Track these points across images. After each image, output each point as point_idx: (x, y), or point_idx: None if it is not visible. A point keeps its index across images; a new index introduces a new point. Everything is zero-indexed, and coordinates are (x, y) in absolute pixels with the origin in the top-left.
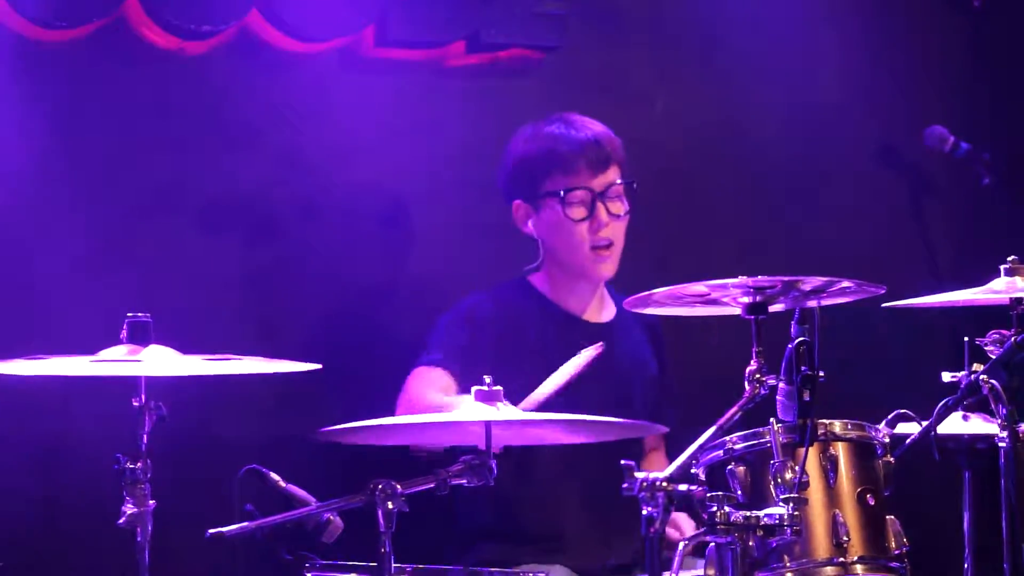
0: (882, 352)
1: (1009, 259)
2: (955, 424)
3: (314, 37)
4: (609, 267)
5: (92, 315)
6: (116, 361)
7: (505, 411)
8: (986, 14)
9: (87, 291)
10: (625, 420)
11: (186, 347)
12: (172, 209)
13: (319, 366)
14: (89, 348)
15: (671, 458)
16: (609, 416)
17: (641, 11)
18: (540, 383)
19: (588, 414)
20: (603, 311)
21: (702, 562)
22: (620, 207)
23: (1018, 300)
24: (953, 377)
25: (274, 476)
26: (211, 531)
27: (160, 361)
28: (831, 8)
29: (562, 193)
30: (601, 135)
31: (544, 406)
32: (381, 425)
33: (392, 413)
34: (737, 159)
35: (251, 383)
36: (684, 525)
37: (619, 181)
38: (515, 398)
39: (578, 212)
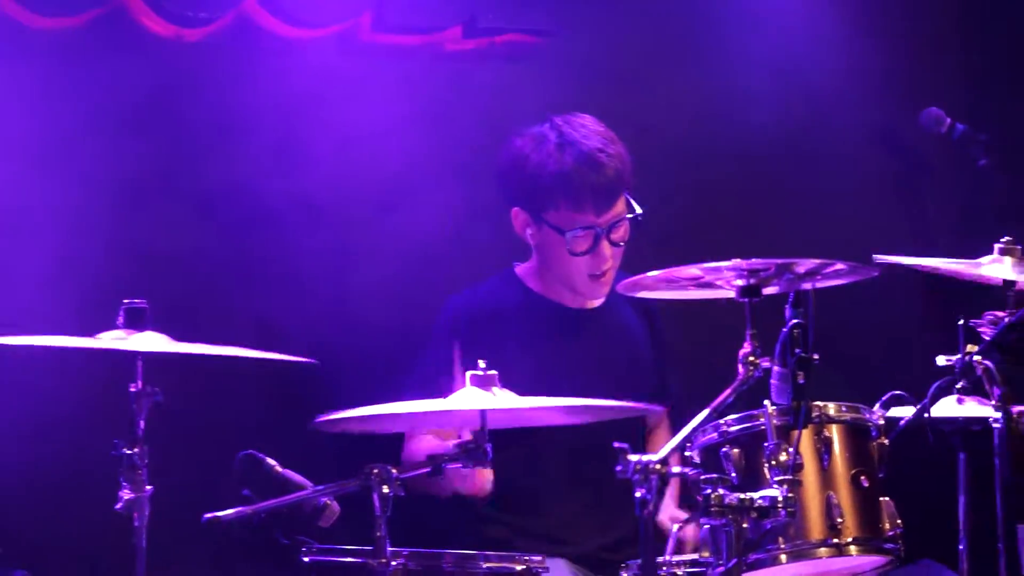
0: (877, 335)
1: (1003, 239)
2: (950, 407)
3: (311, 23)
4: (604, 290)
5: (88, 301)
6: (112, 344)
7: (500, 396)
8: None
9: (83, 278)
10: (620, 403)
11: (181, 335)
12: (169, 196)
13: (314, 361)
14: (86, 334)
15: (674, 427)
16: (602, 399)
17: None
18: (529, 373)
19: (589, 397)
20: (594, 292)
21: None
22: (622, 235)
23: (1011, 282)
24: (948, 360)
25: (271, 461)
26: (208, 516)
27: (156, 342)
28: None
29: (567, 235)
30: (615, 172)
31: None
32: (377, 415)
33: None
34: (733, 142)
35: (247, 369)
36: (674, 513)
37: (626, 215)
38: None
39: (581, 246)
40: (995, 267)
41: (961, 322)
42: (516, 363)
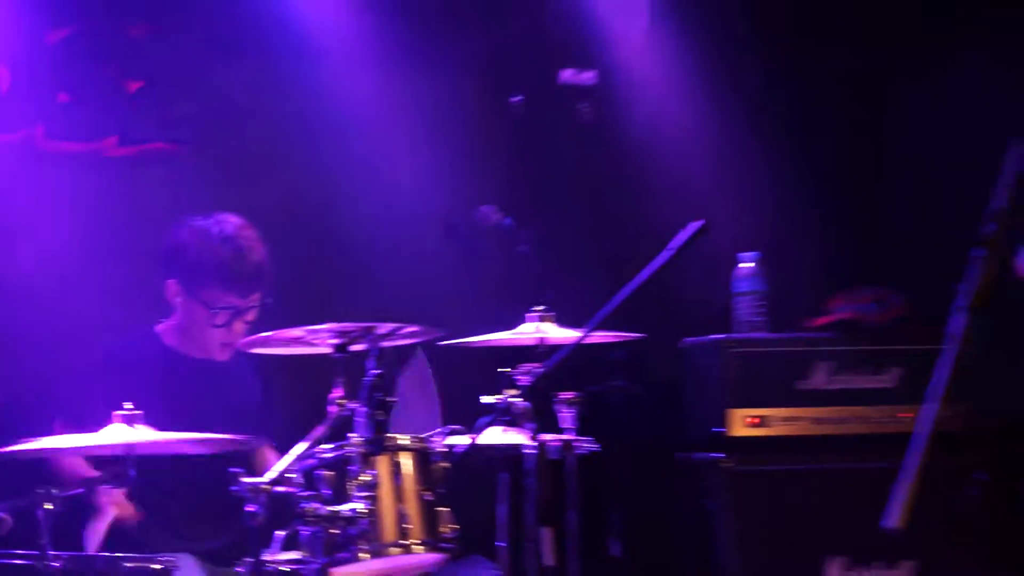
0: (439, 378)
1: (537, 308)
2: (497, 436)
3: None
4: (229, 354)
5: None
6: None
7: (142, 431)
8: (526, 114)
9: None
10: (237, 436)
11: None
12: None
13: None
14: None
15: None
16: (224, 432)
17: (253, 107)
18: (164, 413)
19: (208, 432)
20: (220, 355)
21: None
22: (253, 316)
23: (542, 340)
24: (490, 399)
25: None
26: None
27: None
28: (408, 111)
29: (213, 311)
30: (258, 266)
31: None
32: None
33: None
34: (335, 225)
35: None
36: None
37: (258, 303)
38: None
39: (220, 321)
40: (531, 328)
41: (500, 371)
42: (154, 405)
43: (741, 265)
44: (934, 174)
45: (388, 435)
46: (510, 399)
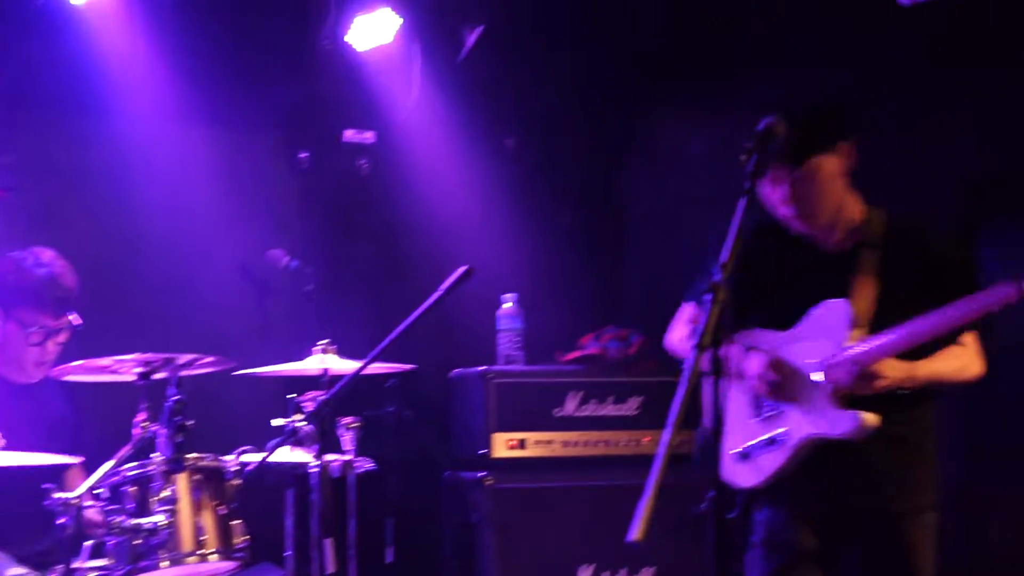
0: (233, 404)
1: (321, 342)
2: (285, 455)
3: None
4: (42, 373)
5: None
6: None
7: None
8: (312, 168)
9: None
10: (53, 455)
11: None
12: None
13: None
14: None
15: (88, 471)
16: (39, 450)
17: (66, 158)
18: None
19: (24, 450)
20: (35, 374)
21: None
22: (64, 338)
23: (326, 370)
24: (279, 423)
25: None
26: None
27: None
28: (208, 163)
29: (28, 329)
30: (69, 291)
31: None
32: None
33: None
34: (140, 264)
35: None
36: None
37: (69, 325)
38: None
39: (34, 339)
40: (316, 361)
41: (289, 397)
42: None
43: (503, 305)
44: (671, 226)
45: (187, 455)
46: (297, 423)
